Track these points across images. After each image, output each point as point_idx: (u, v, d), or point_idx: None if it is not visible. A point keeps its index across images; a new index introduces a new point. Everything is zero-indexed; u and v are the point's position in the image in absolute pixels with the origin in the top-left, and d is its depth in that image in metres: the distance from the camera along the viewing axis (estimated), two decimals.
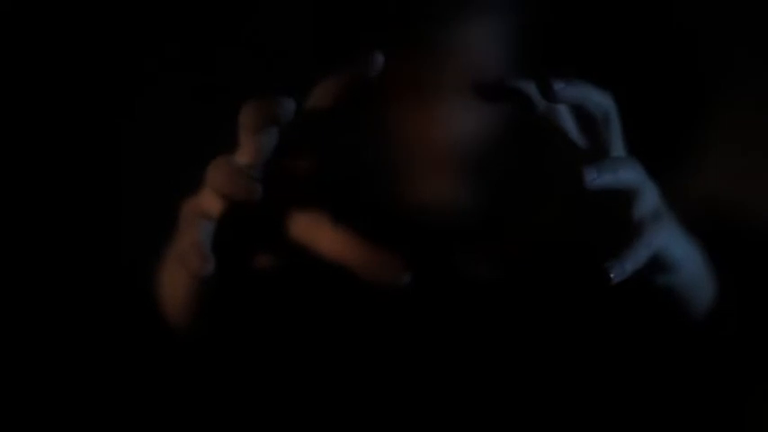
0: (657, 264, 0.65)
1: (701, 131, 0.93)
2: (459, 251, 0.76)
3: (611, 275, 0.59)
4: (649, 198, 0.63)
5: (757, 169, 0.94)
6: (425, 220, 0.77)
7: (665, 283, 0.68)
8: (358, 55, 0.65)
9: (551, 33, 0.79)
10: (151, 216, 0.72)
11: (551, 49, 0.79)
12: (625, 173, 0.61)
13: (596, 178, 0.59)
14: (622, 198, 0.62)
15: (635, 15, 0.90)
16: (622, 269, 0.60)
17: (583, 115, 0.63)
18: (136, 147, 0.95)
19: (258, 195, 0.58)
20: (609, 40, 0.86)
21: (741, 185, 0.92)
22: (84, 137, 0.95)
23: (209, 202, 0.60)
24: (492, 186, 0.76)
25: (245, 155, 0.60)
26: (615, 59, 0.85)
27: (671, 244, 0.65)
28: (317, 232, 0.60)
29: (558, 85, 0.59)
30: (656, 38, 0.90)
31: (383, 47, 0.77)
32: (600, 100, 0.62)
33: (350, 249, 0.59)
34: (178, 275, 0.65)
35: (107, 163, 0.95)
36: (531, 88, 0.60)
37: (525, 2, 0.78)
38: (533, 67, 0.77)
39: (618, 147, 0.64)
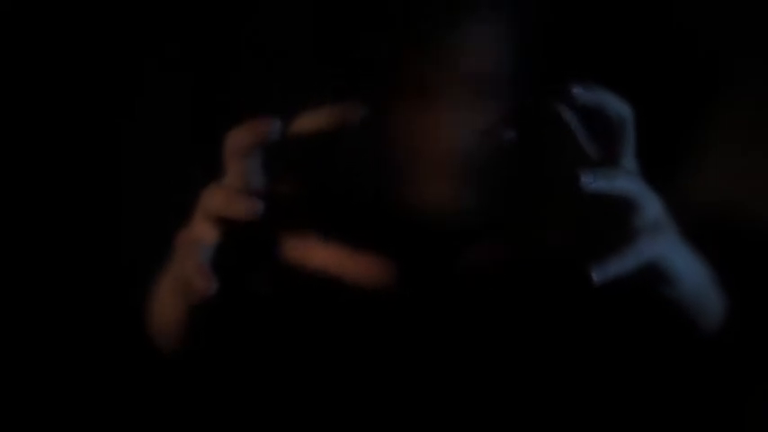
0: (655, 274, 0.66)
1: (701, 131, 0.93)
2: (465, 250, 0.77)
3: (593, 277, 0.61)
4: (649, 210, 0.64)
5: (757, 169, 0.94)
6: (427, 221, 0.77)
7: (669, 295, 0.68)
8: (357, 55, 0.66)
9: (553, 34, 0.79)
10: (150, 221, 0.73)
11: (553, 50, 0.79)
12: (623, 182, 0.62)
13: (592, 182, 0.60)
14: (622, 207, 0.63)
15: (635, 15, 0.90)
16: (604, 272, 0.62)
17: (599, 122, 0.64)
18: (136, 147, 0.95)
19: (258, 213, 0.59)
20: (609, 41, 0.86)
21: (741, 185, 0.92)
22: (84, 137, 0.95)
23: (203, 229, 0.62)
24: (494, 188, 0.76)
25: (232, 180, 0.62)
26: (615, 59, 0.85)
27: (670, 256, 0.66)
28: (308, 250, 0.61)
29: (578, 89, 0.60)
30: (655, 38, 0.90)
31: (385, 47, 0.77)
32: (618, 108, 0.63)
33: (340, 262, 0.60)
34: (173, 301, 0.67)
35: (106, 163, 0.95)
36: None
37: (528, 2, 0.78)
38: (536, 67, 0.77)
39: (629, 159, 0.65)
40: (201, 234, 0.62)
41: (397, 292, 0.61)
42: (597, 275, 0.62)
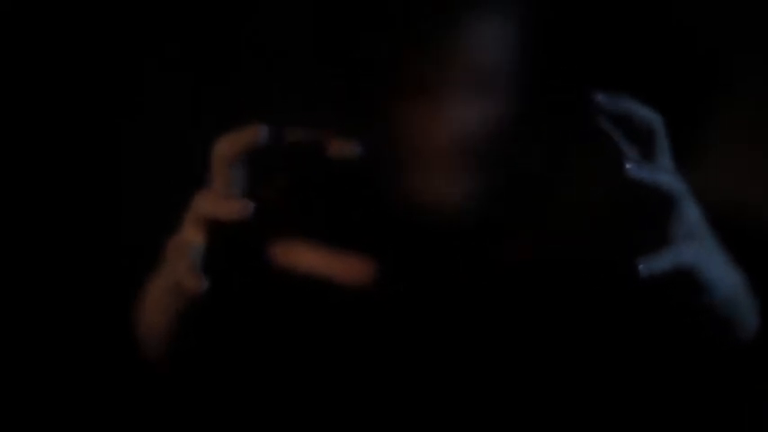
0: (689, 281, 0.66)
1: (702, 131, 0.93)
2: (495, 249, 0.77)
3: (640, 271, 0.62)
4: (688, 214, 0.65)
5: (757, 169, 0.94)
6: (429, 218, 0.77)
7: (701, 303, 0.68)
8: (357, 55, 0.66)
9: (553, 31, 0.79)
10: (146, 223, 0.74)
11: (553, 47, 0.79)
12: (665, 178, 0.63)
13: (636, 170, 0.62)
14: (662, 207, 0.64)
15: (635, 15, 0.90)
16: (649, 267, 0.62)
17: (630, 129, 0.65)
18: (135, 148, 0.95)
19: (249, 214, 0.61)
20: (609, 39, 0.86)
21: (741, 185, 0.92)
22: (83, 137, 0.95)
23: (194, 232, 0.64)
24: (496, 184, 0.76)
25: (220, 186, 0.64)
26: (615, 59, 0.85)
27: (706, 265, 0.67)
28: (295, 253, 0.63)
29: (603, 97, 0.62)
30: (656, 37, 0.90)
31: (384, 47, 0.77)
32: (645, 114, 0.65)
33: (327, 264, 0.62)
34: (162, 305, 0.68)
35: (105, 163, 0.95)
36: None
37: (527, 0, 0.78)
38: (537, 65, 0.77)
39: (666, 162, 0.66)
40: (192, 237, 0.63)
41: (394, 290, 0.62)
42: (644, 269, 0.62)
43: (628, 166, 0.62)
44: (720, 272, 0.68)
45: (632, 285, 0.63)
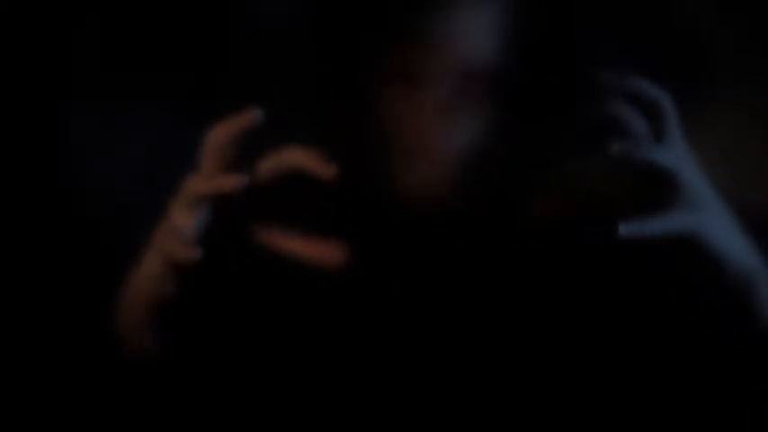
0: (694, 249, 0.67)
1: (701, 131, 0.93)
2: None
3: (620, 230, 0.64)
4: (689, 185, 0.67)
5: (757, 169, 0.94)
6: (414, 208, 0.77)
7: (718, 278, 0.69)
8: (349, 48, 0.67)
9: (543, 25, 0.79)
10: (137, 222, 0.75)
11: (544, 41, 0.79)
12: (657, 156, 0.65)
13: (619, 151, 0.64)
14: (659, 180, 0.66)
15: (633, 12, 0.90)
16: (630, 228, 0.64)
17: (638, 107, 0.66)
18: (131, 147, 0.95)
19: (244, 185, 0.64)
20: (605, 37, 0.86)
21: (741, 185, 0.92)
22: (81, 135, 0.96)
23: (184, 215, 0.66)
24: (483, 178, 0.76)
25: (208, 173, 0.66)
26: (612, 56, 0.85)
27: (714, 235, 0.68)
28: (278, 237, 0.66)
29: (611, 76, 0.65)
30: (654, 35, 0.90)
31: (382, 43, 0.77)
32: (653, 93, 0.67)
33: (306, 248, 0.65)
34: (146, 295, 0.70)
35: (90, 158, 0.96)
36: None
37: None
38: (525, 57, 0.78)
39: (676, 138, 0.68)
40: (182, 221, 0.66)
41: (375, 277, 0.62)
42: (623, 229, 0.63)
43: (613, 147, 0.63)
44: (733, 245, 0.69)
45: (630, 260, 0.64)
